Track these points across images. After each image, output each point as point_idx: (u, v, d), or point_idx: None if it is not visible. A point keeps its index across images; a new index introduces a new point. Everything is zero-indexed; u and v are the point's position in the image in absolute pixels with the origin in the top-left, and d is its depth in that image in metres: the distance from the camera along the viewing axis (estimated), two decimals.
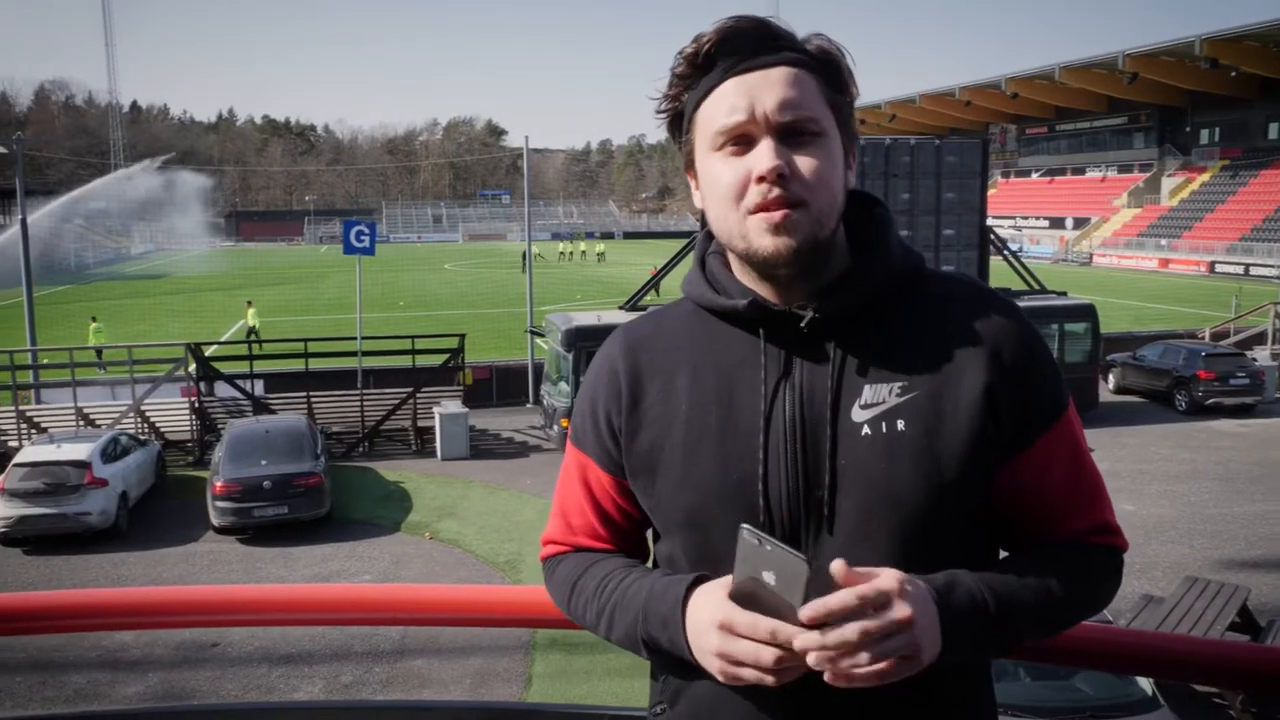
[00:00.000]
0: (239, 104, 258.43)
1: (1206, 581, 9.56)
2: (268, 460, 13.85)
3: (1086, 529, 1.27)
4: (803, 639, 1.03)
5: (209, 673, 9.53)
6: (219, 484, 13.42)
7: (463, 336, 19.26)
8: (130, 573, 12.36)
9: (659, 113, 1.28)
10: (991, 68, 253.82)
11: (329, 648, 9.97)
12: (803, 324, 1.21)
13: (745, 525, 1.06)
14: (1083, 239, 67.23)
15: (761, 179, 1.16)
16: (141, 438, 16.44)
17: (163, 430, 17.79)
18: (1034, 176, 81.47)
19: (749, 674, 1.07)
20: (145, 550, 13.14)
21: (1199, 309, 35.19)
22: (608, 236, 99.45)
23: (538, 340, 21.36)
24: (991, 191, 26.63)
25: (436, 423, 17.59)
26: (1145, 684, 7.14)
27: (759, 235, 1.17)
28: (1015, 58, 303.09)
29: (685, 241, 21.05)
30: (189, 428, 17.79)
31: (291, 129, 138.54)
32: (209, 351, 19.85)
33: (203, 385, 18.18)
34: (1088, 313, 19.80)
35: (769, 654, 1.05)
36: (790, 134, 1.17)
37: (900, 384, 1.20)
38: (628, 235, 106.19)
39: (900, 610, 1.04)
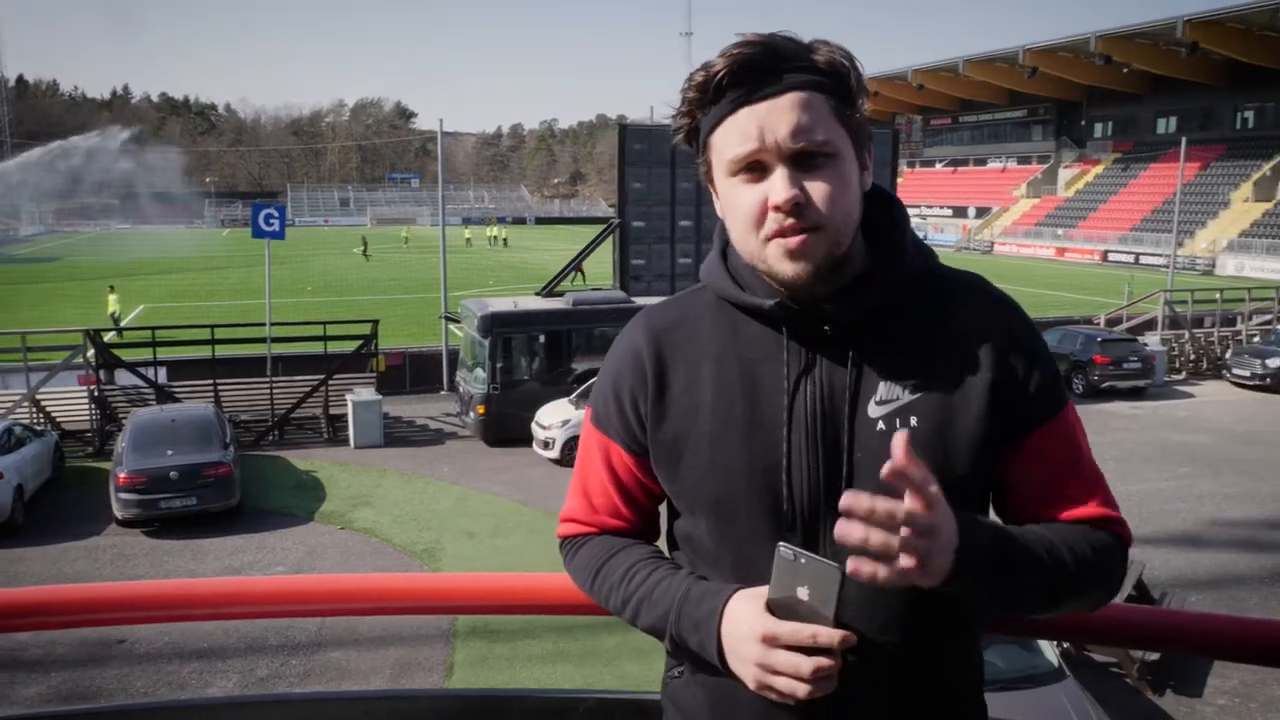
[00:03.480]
0: (134, 81, 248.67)
1: None
2: (174, 450, 13.45)
3: (1088, 519, 1.29)
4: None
5: (116, 670, 9.23)
6: (122, 475, 12.98)
7: (375, 323, 18.94)
8: (28, 569, 11.87)
9: (674, 131, 1.30)
10: (899, 59, 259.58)
11: (242, 641, 9.75)
12: (825, 326, 1.26)
13: (782, 543, 1.12)
14: (984, 228, 69.24)
15: (777, 208, 1.19)
16: (37, 428, 15.80)
17: (59, 420, 17.10)
18: (938, 166, 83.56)
19: (783, 684, 1.11)
20: (44, 545, 12.63)
21: (1093, 296, 36.63)
22: (520, 222, 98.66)
23: (452, 326, 21.15)
24: (899, 180, 27.27)
25: (349, 410, 17.30)
26: (1051, 655, 7.45)
27: (778, 260, 1.22)
28: (921, 50, 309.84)
29: (601, 228, 21.01)
30: (88, 417, 17.15)
31: (191, 108, 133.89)
32: (108, 338, 19.15)
33: (102, 373, 17.53)
34: None
35: (808, 664, 1.10)
36: (803, 158, 1.19)
37: (913, 381, 1.26)
38: (540, 221, 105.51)
39: (930, 517, 1.06)
